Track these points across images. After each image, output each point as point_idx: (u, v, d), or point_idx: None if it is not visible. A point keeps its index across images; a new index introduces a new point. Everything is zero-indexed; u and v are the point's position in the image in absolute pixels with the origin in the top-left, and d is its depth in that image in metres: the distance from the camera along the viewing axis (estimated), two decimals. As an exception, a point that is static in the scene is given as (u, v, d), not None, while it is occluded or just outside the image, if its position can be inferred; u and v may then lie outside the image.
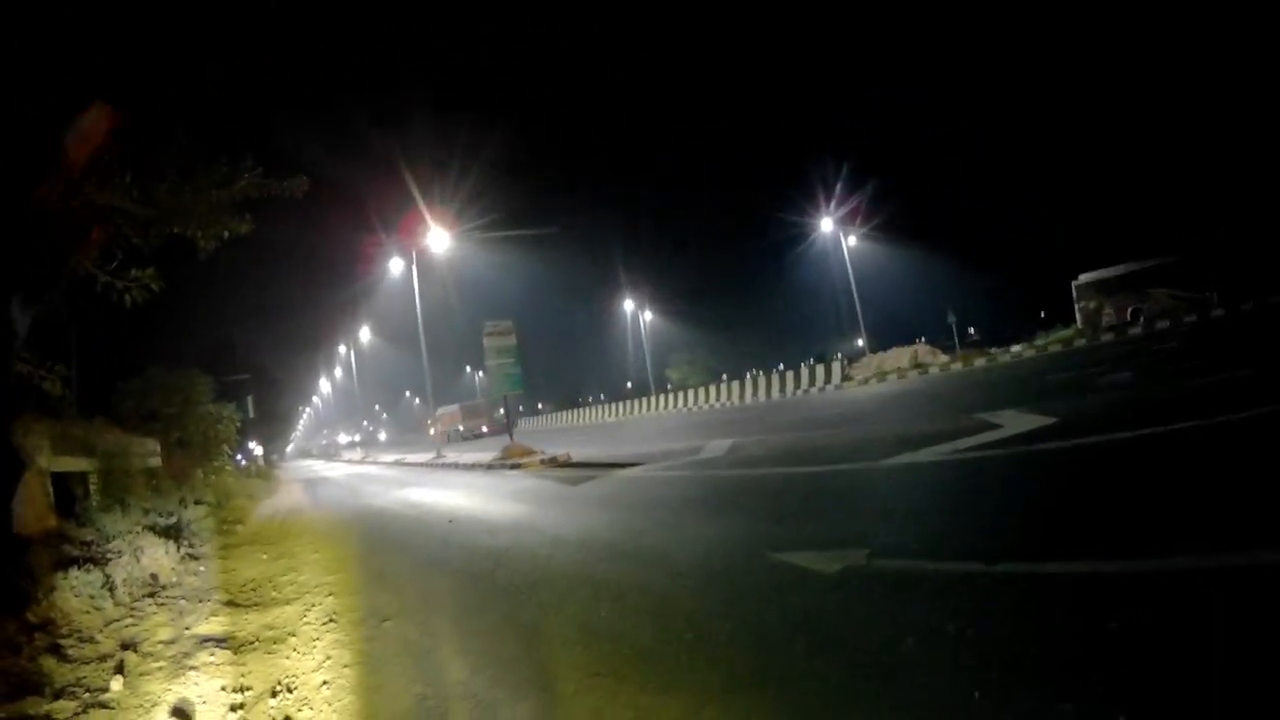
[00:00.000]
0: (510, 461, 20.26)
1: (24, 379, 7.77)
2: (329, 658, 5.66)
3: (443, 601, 6.90)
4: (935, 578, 4.49)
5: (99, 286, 8.18)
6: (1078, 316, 32.63)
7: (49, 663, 5.40)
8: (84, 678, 5.29)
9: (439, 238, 32.02)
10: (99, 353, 14.54)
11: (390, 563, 9.10)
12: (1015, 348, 31.99)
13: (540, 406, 78.12)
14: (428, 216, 31.62)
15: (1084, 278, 32.71)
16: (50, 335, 8.48)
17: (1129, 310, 30.37)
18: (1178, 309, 28.25)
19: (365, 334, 61.33)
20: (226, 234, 8.88)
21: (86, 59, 7.39)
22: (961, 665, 3.21)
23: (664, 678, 3.90)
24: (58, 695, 4.95)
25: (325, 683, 5.16)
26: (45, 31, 6.95)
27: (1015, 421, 9.62)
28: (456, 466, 24.07)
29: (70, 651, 5.77)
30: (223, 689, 5.21)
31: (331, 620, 6.65)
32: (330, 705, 4.79)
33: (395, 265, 37.53)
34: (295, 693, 5.07)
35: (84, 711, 4.73)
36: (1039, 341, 32.90)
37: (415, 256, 33.92)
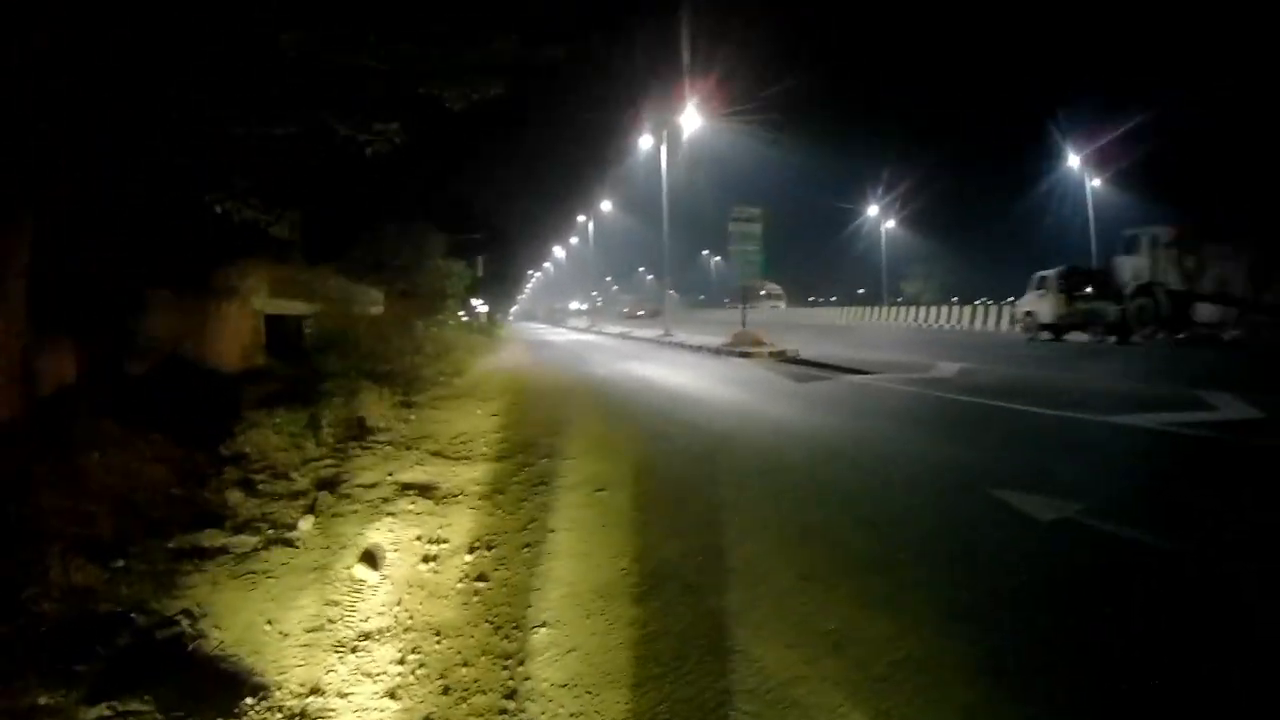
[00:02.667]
0: (739, 349, 20.20)
1: (249, 223, 7.88)
2: (535, 520, 5.47)
3: (661, 478, 6.64)
4: (1143, 551, 4.54)
5: (338, 139, 8.14)
6: None
7: (235, 496, 5.46)
8: (271, 513, 5.29)
9: (691, 117, 31.70)
10: (333, 204, 15.07)
11: (610, 432, 8.92)
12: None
13: (780, 304, 77.29)
14: (685, 94, 31.33)
15: None
16: (284, 184, 8.59)
17: None
18: None
19: (606, 205, 62.62)
20: (476, 95, 8.70)
21: None
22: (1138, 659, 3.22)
23: (873, 594, 3.94)
24: (239, 529, 4.95)
25: (528, 545, 4.95)
26: None
27: (1230, 407, 9.41)
28: (684, 346, 24.21)
29: (261, 487, 5.86)
30: (418, 539, 5.09)
31: (543, 483, 6.47)
32: (529, 569, 4.56)
33: (645, 140, 37.73)
34: (494, 551, 4.88)
35: (265, 547, 4.68)
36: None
37: (666, 134, 33.89)
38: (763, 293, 55.22)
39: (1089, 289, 26.23)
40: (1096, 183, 43.03)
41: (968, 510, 5.40)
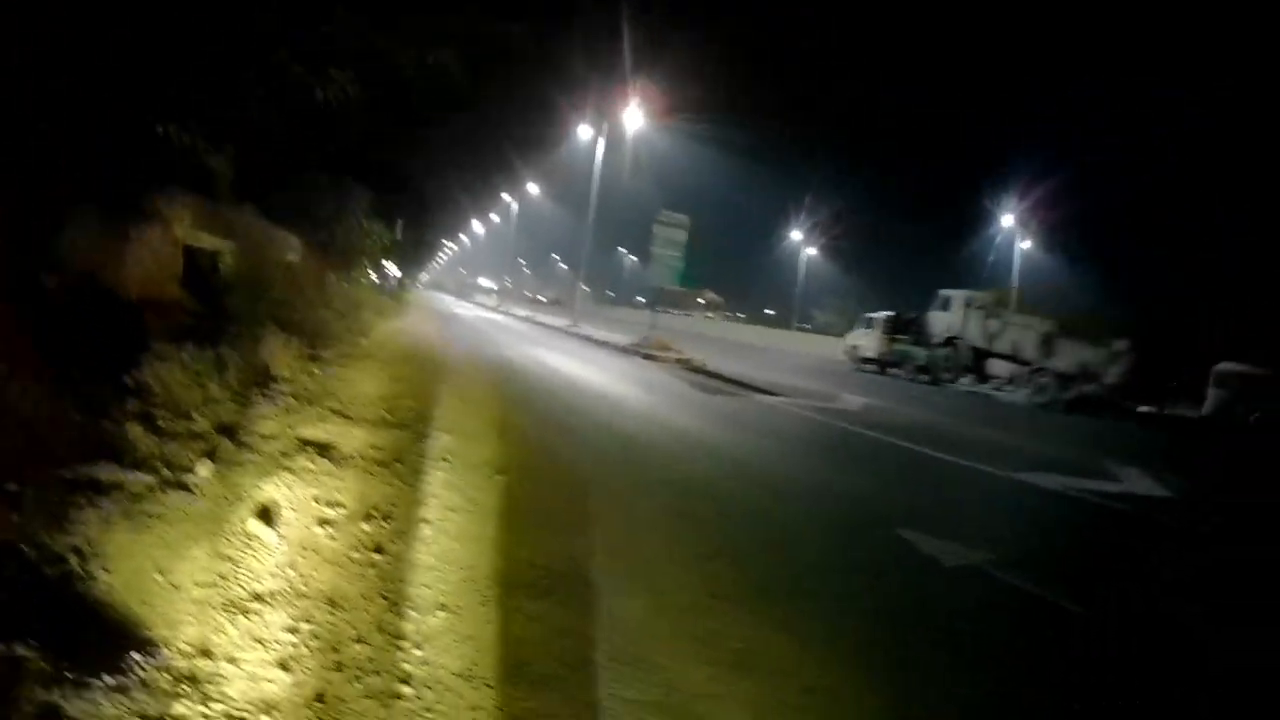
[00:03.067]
0: (645, 350, 20.54)
1: (184, 150, 7.62)
2: (434, 496, 5.40)
3: (563, 471, 6.68)
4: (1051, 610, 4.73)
5: (292, 78, 7.94)
6: None
7: (135, 430, 5.18)
8: (170, 454, 5.04)
9: (633, 115, 31.91)
10: (269, 144, 14.67)
11: (514, 416, 8.86)
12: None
13: (700, 303, 78.08)
14: (628, 93, 31.55)
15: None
16: (229, 114, 8.34)
17: None
18: None
19: (533, 188, 62.33)
20: (430, 60, 8.66)
21: None
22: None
23: (777, 618, 4.03)
24: (136, 466, 4.70)
25: (425, 521, 4.88)
26: None
27: (1137, 481, 9.84)
28: (591, 340, 24.35)
29: (161, 424, 5.58)
30: (315, 500, 4.95)
31: (444, 459, 6.38)
32: (427, 546, 4.50)
33: (584, 130, 37.77)
34: (391, 524, 4.78)
35: (161, 489, 4.46)
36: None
37: (606, 126, 34.03)
38: (701, 300, 55.61)
39: (906, 334, 31.41)
40: (1026, 244, 44.55)
41: (875, 549, 5.52)
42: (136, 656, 2.82)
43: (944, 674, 3.70)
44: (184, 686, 2.76)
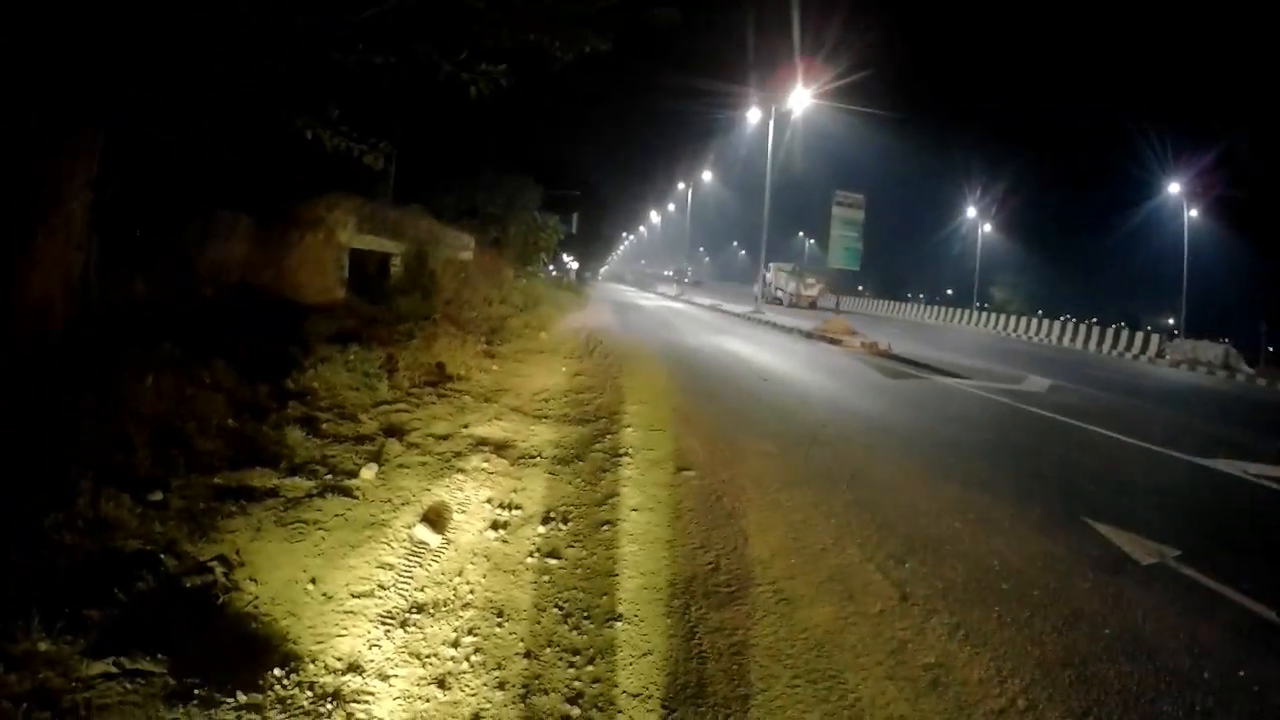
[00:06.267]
0: (830, 335, 19.92)
1: (340, 154, 7.72)
2: (614, 495, 5.15)
3: (750, 462, 6.24)
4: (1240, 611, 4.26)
5: (441, 76, 7.94)
6: None
7: (295, 434, 5.20)
8: (332, 457, 5.04)
9: (801, 97, 31.16)
10: (428, 143, 15.03)
11: (699, 408, 8.51)
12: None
13: (860, 289, 76.71)
14: (798, 74, 30.76)
15: None
16: (378, 114, 8.43)
17: None
18: None
19: (707, 176, 62.71)
20: (587, 49, 8.51)
21: None
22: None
23: (973, 623, 3.74)
24: (294, 471, 4.70)
25: (606, 523, 4.63)
26: None
27: None
28: (774, 326, 23.76)
29: (324, 427, 5.61)
30: (488, 501, 4.81)
31: (626, 454, 6.12)
32: (606, 551, 4.25)
33: (752, 115, 37.44)
34: (569, 525, 4.58)
35: (320, 494, 4.41)
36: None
37: (775, 109, 33.39)
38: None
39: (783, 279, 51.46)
40: (1194, 213, 41.95)
41: (1068, 545, 5.09)
42: (278, 672, 2.69)
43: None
44: (326, 705, 2.62)
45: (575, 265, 49.46)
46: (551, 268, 35.25)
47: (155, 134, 7.11)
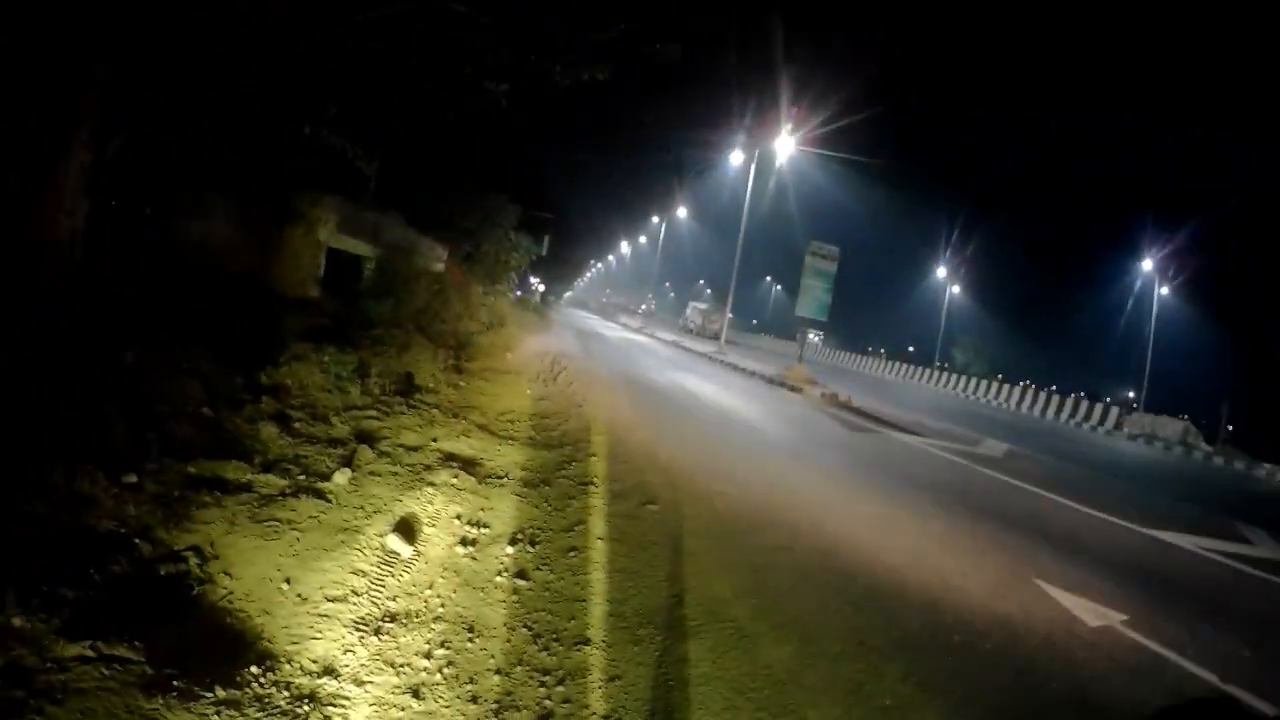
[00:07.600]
0: (790, 383, 20.31)
1: (329, 154, 7.78)
2: (581, 523, 5.21)
3: (711, 507, 6.29)
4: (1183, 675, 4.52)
5: (443, 90, 8.06)
6: None
7: (269, 430, 5.18)
8: (304, 457, 5.01)
9: (785, 143, 31.64)
10: (414, 153, 15.08)
11: (663, 442, 8.54)
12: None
13: (818, 337, 77.77)
14: (779, 122, 31.28)
15: None
16: (375, 119, 8.52)
17: None
18: None
19: (681, 212, 63.44)
20: (585, 76, 8.68)
21: None
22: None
23: (925, 671, 3.89)
24: (267, 468, 4.67)
25: (573, 549, 4.68)
26: None
27: (1266, 544, 9.55)
28: (736, 369, 23.94)
29: (297, 425, 5.59)
30: (457, 518, 4.81)
31: (591, 483, 6.18)
32: (574, 576, 4.29)
33: (734, 157, 37.97)
34: (537, 548, 4.61)
35: (294, 494, 4.39)
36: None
37: (757, 153, 33.85)
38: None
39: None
40: (1164, 290, 43.26)
41: (1018, 605, 5.29)
42: (254, 670, 2.68)
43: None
44: (303, 706, 2.62)
45: (542, 288, 49.43)
46: (518, 289, 35.22)
47: (154, 134, 7.10)
